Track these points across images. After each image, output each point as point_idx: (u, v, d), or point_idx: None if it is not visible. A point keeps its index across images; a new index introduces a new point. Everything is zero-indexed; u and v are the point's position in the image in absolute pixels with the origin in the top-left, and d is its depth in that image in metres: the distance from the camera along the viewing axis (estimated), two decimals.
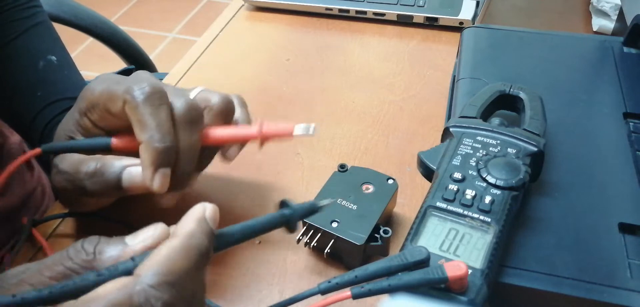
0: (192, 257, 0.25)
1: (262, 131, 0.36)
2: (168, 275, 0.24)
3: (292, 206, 0.30)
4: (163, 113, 0.34)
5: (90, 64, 1.80)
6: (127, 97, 0.34)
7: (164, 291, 0.24)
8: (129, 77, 0.37)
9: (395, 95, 0.57)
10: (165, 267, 0.24)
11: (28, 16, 0.55)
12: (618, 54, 0.50)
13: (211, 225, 0.27)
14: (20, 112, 0.54)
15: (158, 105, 0.34)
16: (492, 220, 0.33)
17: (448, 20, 0.66)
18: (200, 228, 0.26)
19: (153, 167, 0.34)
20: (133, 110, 0.34)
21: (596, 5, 0.67)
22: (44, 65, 0.54)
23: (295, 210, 0.30)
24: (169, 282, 0.24)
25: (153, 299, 0.23)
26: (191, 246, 0.26)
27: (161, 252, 0.25)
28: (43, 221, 0.44)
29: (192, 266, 0.25)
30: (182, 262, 0.25)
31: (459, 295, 0.29)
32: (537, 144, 0.37)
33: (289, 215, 0.30)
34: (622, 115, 0.44)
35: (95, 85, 0.37)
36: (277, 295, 0.38)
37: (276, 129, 0.36)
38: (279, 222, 0.30)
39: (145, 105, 0.34)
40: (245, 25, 0.71)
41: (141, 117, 0.34)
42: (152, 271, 0.24)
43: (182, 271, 0.25)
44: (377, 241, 0.38)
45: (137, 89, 0.34)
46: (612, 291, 0.32)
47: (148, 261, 0.25)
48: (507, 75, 0.48)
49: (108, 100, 0.36)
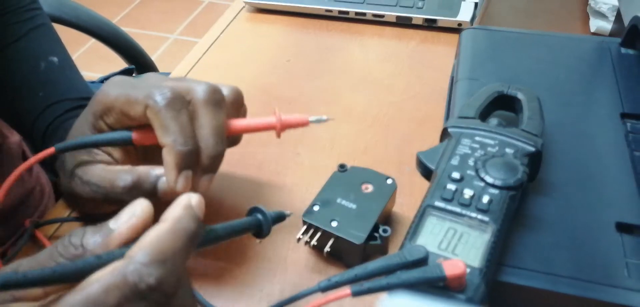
0: (180, 239, 0.27)
1: (280, 120, 0.38)
2: (159, 254, 0.26)
3: (265, 212, 0.34)
4: (184, 117, 0.36)
5: (92, 65, 1.81)
6: (149, 102, 0.35)
7: (155, 268, 0.25)
8: (143, 81, 0.38)
9: (394, 96, 0.58)
10: (156, 247, 0.26)
11: (29, 18, 0.55)
12: (615, 55, 0.51)
13: (196, 211, 0.28)
14: (22, 114, 0.54)
15: (179, 110, 0.35)
16: (490, 219, 0.33)
17: (446, 21, 0.67)
18: (187, 213, 0.28)
19: (177, 169, 0.36)
20: (155, 115, 0.35)
21: (594, 7, 0.67)
22: (46, 67, 0.54)
23: (268, 216, 0.34)
24: (159, 260, 0.25)
25: (146, 276, 0.25)
26: (179, 229, 0.27)
27: (151, 235, 0.26)
28: (45, 223, 0.44)
29: (180, 246, 0.27)
30: (170, 243, 0.26)
31: (457, 293, 0.29)
32: (535, 144, 0.37)
33: (262, 220, 0.34)
34: (619, 115, 0.44)
35: (111, 89, 0.37)
36: (277, 293, 0.39)
37: (293, 118, 0.39)
38: (255, 226, 0.34)
39: (167, 110, 0.35)
40: (246, 27, 0.71)
41: (164, 122, 0.35)
42: (143, 251, 0.25)
43: (171, 250, 0.26)
44: (377, 240, 0.39)
45: (158, 94, 0.35)
46: (609, 290, 0.32)
47: (139, 243, 0.26)
48: (505, 76, 0.48)
49: (126, 105, 0.36)
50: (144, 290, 0.25)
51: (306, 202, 0.41)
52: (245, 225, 0.33)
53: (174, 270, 0.26)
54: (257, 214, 0.34)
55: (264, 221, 0.34)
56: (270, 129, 0.39)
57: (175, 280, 0.26)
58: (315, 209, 0.40)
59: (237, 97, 0.40)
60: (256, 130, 0.39)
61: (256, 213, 0.34)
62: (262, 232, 0.34)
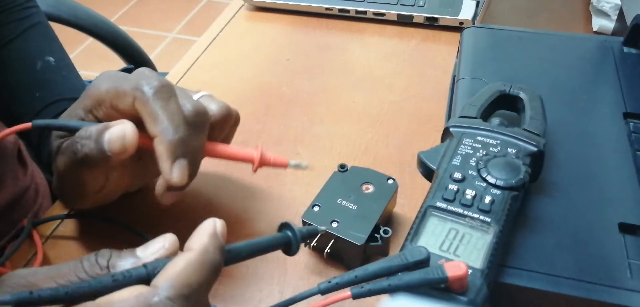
0: (206, 271, 0.26)
1: (260, 156, 0.38)
2: (184, 288, 0.25)
3: (296, 229, 0.31)
4: (173, 105, 0.35)
5: (90, 64, 1.80)
6: (137, 93, 0.35)
7: (180, 303, 0.25)
8: (134, 74, 0.37)
9: (395, 95, 0.57)
10: (182, 280, 0.25)
11: (25, 17, 0.55)
12: (618, 54, 0.50)
13: (221, 240, 0.28)
14: (19, 114, 0.54)
15: (168, 98, 0.35)
16: (492, 220, 0.33)
17: (448, 20, 0.66)
18: (214, 243, 0.27)
19: (171, 158, 0.35)
20: (143, 105, 0.35)
21: (596, 5, 0.67)
22: (42, 67, 0.54)
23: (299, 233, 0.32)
24: (184, 295, 0.25)
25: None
26: (205, 261, 0.26)
27: (178, 265, 0.26)
28: (43, 221, 0.44)
29: (205, 279, 0.26)
30: (197, 275, 0.26)
31: (459, 295, 0.29)
32: (537, 144, 0.37)
33: (292, 237, 0.31)
34: (622, 115, 0.44)
35: (100, 82, 0.37)
36: (277, 295, 0.38)
37: (273, 158, 0.38)
38: (283, 243, 0.32)
39: (155, 99, 0.34)
40: (245, 25, 0.71)
41: (152, 111, 0.34)
42: (169, 283, 0.25)
43: (197, 284, 0.26)
44: (377, 241, 0.38)
45: (146, 85, 0.35)
46: (612, 291, 0.32)
47: (165, 272, 0.25)
48: (507, 75, 0.48)
49: (115, 98, 0.36)
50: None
51: (306, 202, 0.41)
52: (273, 243, 0.31)
53: (196, 305, 0.26)
54: (286, 231, 0.32)
55: (293, 238, 0.32)
56: (248, 161, 0.38)
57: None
58: (315, 209, 0.40)
59: (224, 117, 0.39)
60: (233, 159, 0.39)
61: (286, 230, 0.32)
62: (291, 249, 0.32)
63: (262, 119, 0.55)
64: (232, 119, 0.40)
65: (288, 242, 0.32)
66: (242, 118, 0.55)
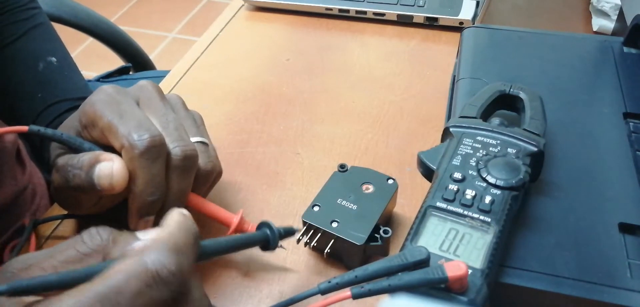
0: (189, 235, 0.28)
1: (239, 222, 0.39)
2: (175, 245, 0.27)
3: (274, 227, 0.35)
4: (157, 167, 0.35)
5: (90, 64, 1.80)
6: (126, 143, 0.35)
7: (175, 256, 0.26)
8: (134, 89, 0.38)
9: (395, 95, 0.57)
10: (172, 240, 0.27)
11: (27, 18, 0.55)
12: (618, 54, 0.50)
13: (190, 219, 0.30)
14: (22, 114, 0.54)
15: (154, 159, 0.35)
16: (492, 220, 0.33)
17: (448, 20, 0.66)
18: (186, 217, 0.29)
19: (139, 215, 0.36)
20: (129, 160, 0.35)
21: (596, 5, 0.67)
22: (44, 67, 0.54)
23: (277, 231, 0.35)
24: (177, 250, 0.27)
25: (167, 263, 0.26)
26: (185, 228, 0.28)
27: (164, 232, 0.28)
28: (44, 221, 0.44)
29: (191, 241, 0.28)
30: (183, 237, 0.28)
31: (459, 295, 0.29)
32: (537, 144, 0.37)
33: (270, 235, 0.35)
34: (622, 115, 0.44)
35: (98, 106, 0.37)
36: (277, 295, 0.38)
37: (251, 227, 0.39)
38: (262, 240, 0.35)
39: (141, 157, 0.35)
40: (245, 25, 0.71)
41: (136, 169, 0.35)
42: (160, 243, 0.26)
43: (185, 243, 0.28)
44: (377, 241, 0.38)
45: (137, 139, 0.35)
46: (612, 291, 0.32)
47: (153, 241, 0.27)
48: (507, 75, 0.48)
49: (107, 131, 0.36)
50: (166, 277, 0.25)
51: (306, 202, 0.41)
52: (251, 239, 0.34)
53: (188, 261, 0.27)
54: (265, 229, 0.35)
55: (271, 236, 0.35)
56: (225, 225, 0.39)
57: (189, 270, 0.27)
58: (315, 209, 0.40)
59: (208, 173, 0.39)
60: (213, 218, 0.40)
61: (264, 228, 0.35)
62: (268, 245, 0.35)
63: (262, 119, 0.55)
64: (212, 176, 0.40)
65: (266, 239, 0.35)
66: (242, 118, 0.55)
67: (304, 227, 0.39)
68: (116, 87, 0.39)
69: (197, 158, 0.37)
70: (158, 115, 0.37)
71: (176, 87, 0.60)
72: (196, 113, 0.42)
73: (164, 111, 0.38)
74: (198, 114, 0.43)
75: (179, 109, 0.41)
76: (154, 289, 0.25)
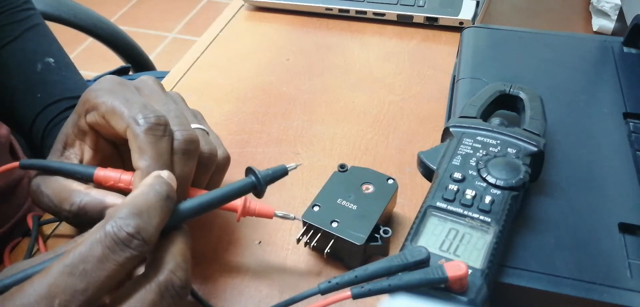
0: (152, 197, 0.30)
1: (245, 206, 0.37)
2: (133, 208, 0.28)
3: (259, 172, 0.34)
4: (164, 144, 0.35)
5: (90, 64, 1.80)
6: (131, 123, 0.35)
7: (132, 219, 0.28)
8: (136, 82, 0.37)
9: (395, 95, 0.57)
10: (131, 204, 0.29)
11: (23, 19, 0.55)
12: (618, 54, 0.50)
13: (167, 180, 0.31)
14: (21, 116, 0.54)
15: (160, 137, 0.35)
16: (492, 220, 0.33)
17: (448, 20, 0.66)
18: (157, 180, 0.31)
19: None
20: (134, 138, 0.35)
21: (596, 5, 0.67)
22: (42, 68, 0.54)
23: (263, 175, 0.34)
24: (135, 213, 0.28)
25: (124, 226, 0.27)
26: (149, 190, 0.30)
27: (126, 199, 0.30)
28: (46, 222, 0.44)
29: (153, 202, 0.29)
30: (144, 200, 0.29)
31: (459, 295, 0.29)
32: (537, 144, 0.37)
33: (256, 181, 0.34)
34: (622, 115, 0.44)
35: (100, 93, 0.36)
36: (277, 295, 0.38)
37: (258, 208, 0.38)
38: (249, 188, 0.34)
39: (147, 135, 0.34)
40: (245, 25, 0.71)
41: (142, 146, 0.34)
42: (119, 210, 0.28)
43: (145, 205, 0.29)
44: (377, 241, 0.38)
45: (142, 118, 0.34)
46: (612, 291, 0.32)
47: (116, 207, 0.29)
48: (507, 75, 0.48)
49: (110, 114, 0.36)
50: (124, 238, 0.27)
51: (306, 202, 0.41)
52: (235, 189, 0.34)
53: (149, 221, 0.28)
54: (250, 176, 0.34)
55: (256, 182, 0.34)
56: (232, 210, 0.38)
57: (153, 230, 0.28)
58: (315, 209, 0.40)
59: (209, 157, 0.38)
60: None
61: (250, 175, 0.35)
62: (256, 192, 0.35)
63: (262, 119, 0.55)
64: (215, 161, 0.39)
65: (252, 186, 0.34)
66: (242, 118, 0.55)
67: (304, 227, 0.39)
68: (118, 77, 0.39)
69: (198, 142, 0.37)
70: (159, 105, 0.37)
71: (176, 87, 0.60)
72: (196, 110, 0.42)
73: (165, 101, 0.38)
74: (198, 111, 0.43)
75: (180, 102, 0.41)
76: (117, 252, 0.27)
